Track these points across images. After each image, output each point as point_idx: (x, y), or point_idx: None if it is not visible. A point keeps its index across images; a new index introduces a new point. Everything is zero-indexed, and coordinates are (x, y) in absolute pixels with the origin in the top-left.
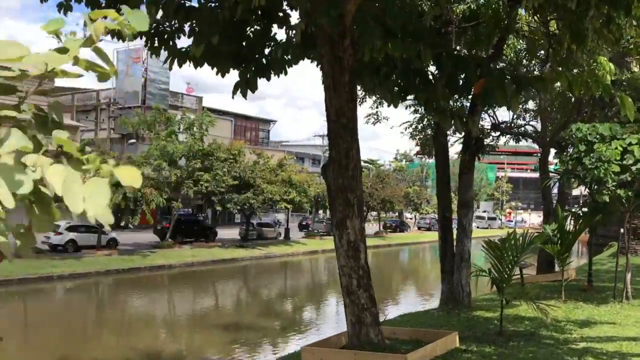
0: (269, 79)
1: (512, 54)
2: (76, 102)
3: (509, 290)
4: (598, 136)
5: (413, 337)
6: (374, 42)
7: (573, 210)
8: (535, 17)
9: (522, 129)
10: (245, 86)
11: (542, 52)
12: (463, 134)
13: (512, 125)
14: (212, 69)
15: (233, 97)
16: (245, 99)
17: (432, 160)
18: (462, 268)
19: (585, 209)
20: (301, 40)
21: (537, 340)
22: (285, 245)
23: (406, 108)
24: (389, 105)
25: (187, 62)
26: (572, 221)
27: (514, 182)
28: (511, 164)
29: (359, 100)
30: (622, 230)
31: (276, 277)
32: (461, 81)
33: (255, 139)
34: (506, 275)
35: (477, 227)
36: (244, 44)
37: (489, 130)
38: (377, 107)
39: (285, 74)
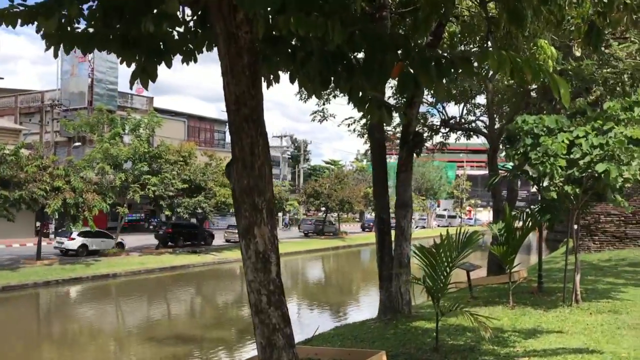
0: (169, 65)
1: (448, 39)
2: (20, 103)
3: (455, 295)
4: (545, 129)
5: (336, 358)
6: (266, 13)
7: (522, 208)
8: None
9: (473, 124)
10: (144, 75)
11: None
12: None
13: (463, 121)
14: (108, 53)
15: (131, 88)
16: (146, 89)
17: (394, 160)
18: (401, 274)
19: (534, 207)
20: (198, 18)
21: (476, 356)
22: (239, 249)
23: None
24: (309, 97)
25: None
26: (521, 220)
27: (473, 180)
28: (470, 161)
29: (302, 96)
30: (575, 227)
31: (224, 285)
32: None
33: (211, 141)
34: (441, 284)
35: (438, 226)
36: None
37: (438, 127)
38: (323, 104)
39: (195, 60)
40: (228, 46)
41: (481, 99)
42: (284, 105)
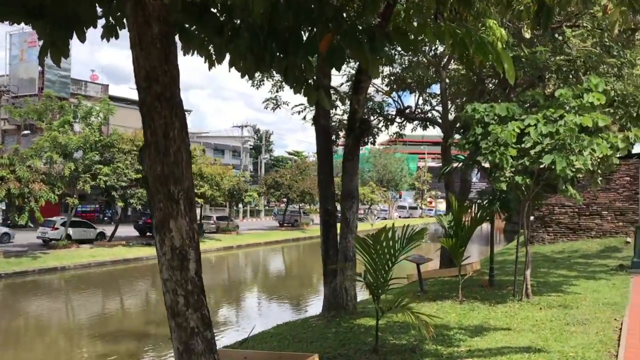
0: (82, 39)
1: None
2: None
3: (405, 289)
4: (496, 117)
5: None
6: None
7: (474, 200)
8: None
9: (429, 114)
10: (55, 49)
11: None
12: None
13: (419, 111)
14: (11, 24)
15: (40, 64)
16: (58, 65)
17: (361, 151)
18: (346, 269)
19: (484, 198)
20: None
21: (417, 357)
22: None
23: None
24: (242, 76)
25: None
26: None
27: (434, 171)
28: (432, 153)
29: (256, 83)
30: (531, 219)
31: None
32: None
33: None
34: (382, 280)
35: (399, 217)
36: None
37: (393, 116)
38: (276, 91)
39: (116, 36)
40: (135, 13)
41: (438, 89)
42: (248, 96)
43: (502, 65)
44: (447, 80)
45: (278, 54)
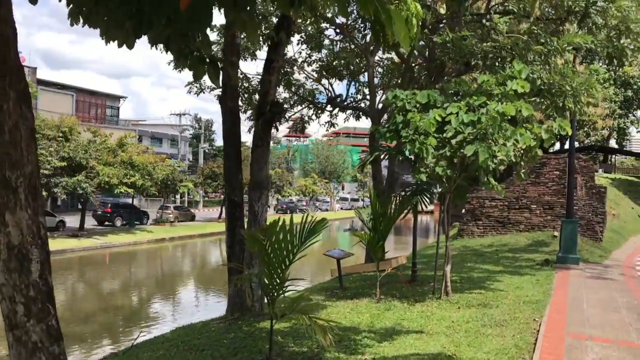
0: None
1: None
2: None
3: (325, 286)
4: (417, 105)
5: None
6: None
7: (398, 192)
8: None
9: (362, 103)
10: None
11: None
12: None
13: (351, 100)
14: None
15: None
16: None
17: (301, 142)
18: (253, 267)
19: (407, 190)
20: None
21: None
22: (128, 233)
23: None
24: (119, 46)
25: None
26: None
27: None
28: None
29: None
30: (463, 210)
31: (101, 272)
32: None
33: (102, 117)
34: (277, 281)
35: (341, 209)
36: None
37: (324, 105)
38: None
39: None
40: None
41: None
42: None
43: (392, 27)
44: (380, 70)
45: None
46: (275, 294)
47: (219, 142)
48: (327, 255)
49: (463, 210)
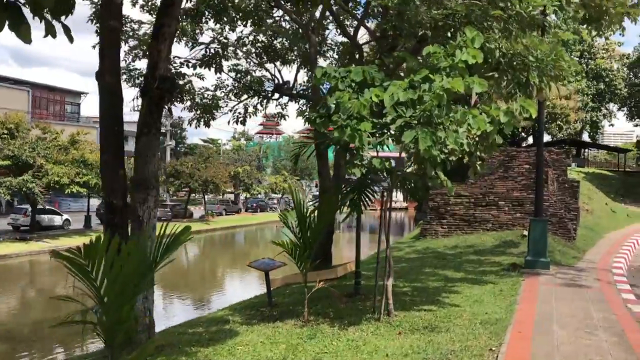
0: None
1: None
2: None
3: (253, 301)
4: (353, 84)
5: None
6: None
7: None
8: None
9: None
10: None
11: None
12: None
13: (300, 86)
14: None
15: None
16: None
17: (273, 139)
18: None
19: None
20: None
21: None
22: (82, 236)
23: None
24: None
25: None
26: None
27: None
28: None
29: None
30: (427, 210)
31: (45, 279)
32: None
33: (62, 114)
34: (115, 317)
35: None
36: None
37: (269, 94)
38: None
39: None
40: None
41: (321, 62)
42: None
43: None
44: (335, 55)
45: None
46: (117, 334)
47: (191, 139)
48: (252, 266)
49: (415, 208)
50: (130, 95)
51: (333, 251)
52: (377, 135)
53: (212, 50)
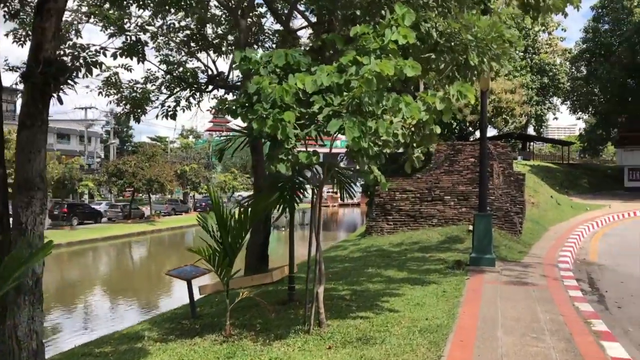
0: None
1: None
2: None
3: (176, 313)
4: (278, 70)
5: None
6: None
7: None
8: None
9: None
10: None
11: None
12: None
13: (237, 77)
14: None
15: None
16: None
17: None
18: (19, 307)
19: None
20: None
21: None
22: None
23: None
24: None
25: None
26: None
27: None
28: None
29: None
30: (373, 206)
31: None
32: None
33: None
34: None
35: None
36: None
37: (204, 87)
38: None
39: None
40: None
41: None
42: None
43: None
44: (273, 44)
45: None
46: None
47: (139, 137)
48: (171, 275)
49: (373, 206)
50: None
51: (281, 251)
52: (306, 126)
53: (134, 38)
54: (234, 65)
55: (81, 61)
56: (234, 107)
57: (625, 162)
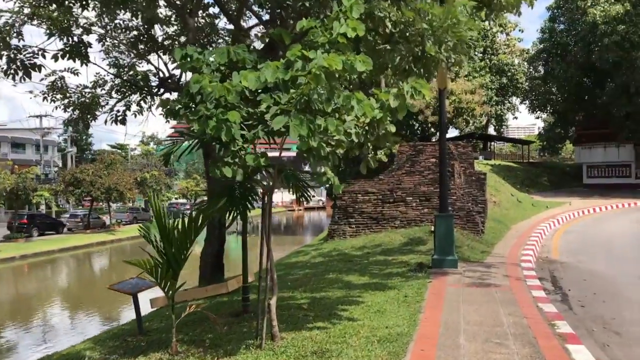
0: None
1: None
2: None
3: (117, 330)
4: (222, 67)
5: None
6: None
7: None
8: None
9: None
10: None
11: None
12: None
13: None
14: None
15: None
16: None
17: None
18: None
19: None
20: None
21: None
22: None
23: None
24: None
25: None
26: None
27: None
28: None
29: None
30: (335, 209)
31: None
32: None
33: None
34: None
35: None
36: None
37: (155, 91)
38: None
39: None
40: None
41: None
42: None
43: None
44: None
45: None
46: None
47: (98, 145)
48: (114, 289)
49: (337, 207)
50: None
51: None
52: (255, 127)
53: (76, 39)
54: (174, 65)
55: (18, 64)
56: (177, 109)
57: (584, 160)
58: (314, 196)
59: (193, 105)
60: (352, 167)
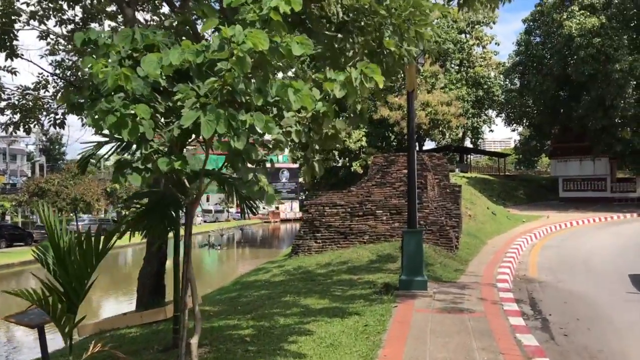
0: None
1: None
2: None
3: None
4: (136, 54)
5: None
6: None
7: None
8: None
9: None
10: None
11: None
12: None
13: None
14: None
15: None
16: None
17: None
18: None
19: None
20: None
21: None
22: None
23: None
24: None
25: None
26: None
27: None
28: None
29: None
30: (301, 223)
31: None
32: None
33: None
34: None
35: (205, 222)
36: None
37: None
38: None
39: None
40: None
41: None
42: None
43: None
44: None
45: None
46: None
47: (72, 155)
48: (10, 321)
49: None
50: None
51: (215, 270)
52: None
53: None
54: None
55: None
56: (76, 102)
57: (559, 173)
58: (263, 208)
59: (91, 95)
60: (330, 179)
